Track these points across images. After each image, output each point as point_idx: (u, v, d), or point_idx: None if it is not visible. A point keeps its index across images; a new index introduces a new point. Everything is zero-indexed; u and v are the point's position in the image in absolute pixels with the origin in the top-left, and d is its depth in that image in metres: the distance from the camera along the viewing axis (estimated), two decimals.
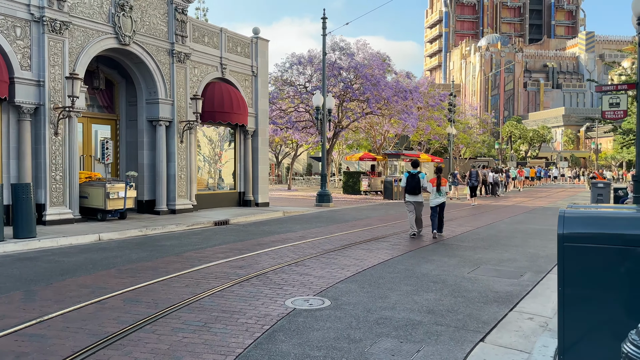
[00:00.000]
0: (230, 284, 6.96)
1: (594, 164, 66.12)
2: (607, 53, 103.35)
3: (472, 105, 53.65)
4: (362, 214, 17.77)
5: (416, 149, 37.62)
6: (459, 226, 14.15)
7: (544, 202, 24.67)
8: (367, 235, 11.93)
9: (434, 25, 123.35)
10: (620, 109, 9.58)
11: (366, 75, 24.72)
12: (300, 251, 9.66)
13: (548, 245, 10.79)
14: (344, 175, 31.12)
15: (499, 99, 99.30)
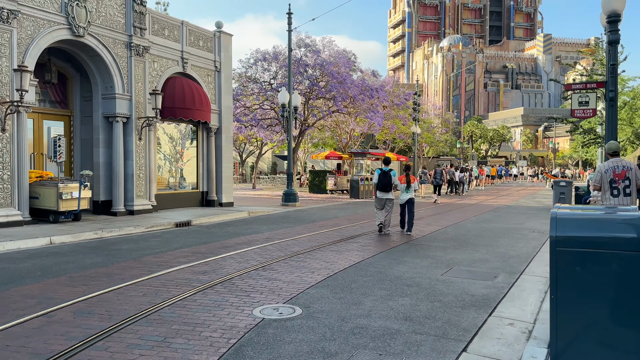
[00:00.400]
0: (193, 292, 6.47)
1: (551, 162, 68.14)
2: (563, 55, 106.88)
3: (435, 105, 54.25)
4: (330, 213, 17.44)
5: (381, 147, 37.62)
6: (427, 225, 14.00)
7: (507, 201, 25.00)
8: (336, 236, 11.59)
9: (397, 26, 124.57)
10: (590, 107, 9.57)
11: (332, 73, 24.41)
12: (267, 254, 9.22)
13: (517, 245, 10.73)
14: (310, 174, 30.76)
15: (460, 99, 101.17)
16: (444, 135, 46.39)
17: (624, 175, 7.14)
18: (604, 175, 7.27)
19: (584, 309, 3.40)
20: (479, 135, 66.96)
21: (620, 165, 7.21)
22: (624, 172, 7.14)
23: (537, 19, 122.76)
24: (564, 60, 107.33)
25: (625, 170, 7.14)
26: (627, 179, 7.12)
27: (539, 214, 18.18)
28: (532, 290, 6.77)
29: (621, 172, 7.16)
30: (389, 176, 11.90)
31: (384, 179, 11.91)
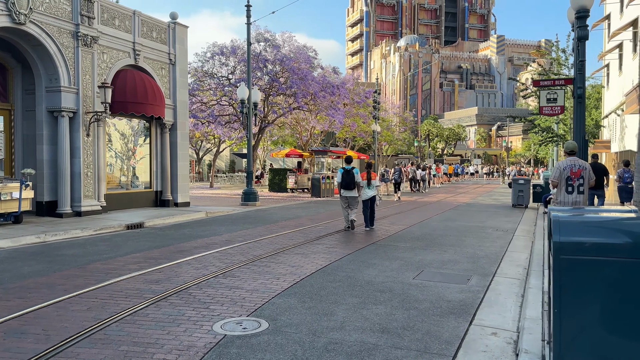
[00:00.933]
0: (145, 304, 5.80)
1: (504, 161, 69.93)
2: (515, 56, 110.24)
3: (393, 104, 54.55)
4: (292, 213, 16.90)
5: (341, 145, 37.36)
6: (391, 224, 13.70)
7: (466, 198, 25.17)
8: (300, 238, 11.07)
9: (355, 24, 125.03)
10: (558, 104, 9.47)
11: (293, 69, 23.82)
12: (227, 258, 8.60)
13: (484, 244, 10.54)
14: (270, 173, 30.09)
15: (417, 98, 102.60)
16: (403, 134, 46.65)
17: (580, 174, 7.57)
18: (562, 172, 7.63)
19: (596, 327, 3.02)
20: (436, 134, 67.95)
21: (576, 164, 7.62)
22: (580, 171, 7.57)
23: (490, 21, 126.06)
24: (516, 62, 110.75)
25: (581, 169, 7.58)
26: (582, 177, 7.57)
27: (499, 212, 18.27)
28: (509, 294, 6.47)
29: (577, 171, 7.58)
30: (352, 174, 12.14)
31: (347, 177, 12.14)
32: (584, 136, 8.95)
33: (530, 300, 5.62)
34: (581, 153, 9.08)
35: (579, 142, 9.08)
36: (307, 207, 19.40)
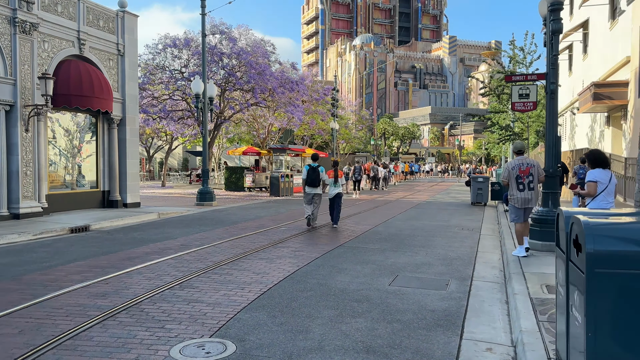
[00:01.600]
0: (88, 324, 4.99)
1: (457, 159, 71.31)
2: (467, 57, 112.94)
3: (350, 102, 54.40)
4: (251, 213, 16.13)
5: (299, 143, 36.70)
6: (356, 224, 13.21)
7: (425, 196, 25.11)
8: (263, 240, 10.37)
9: (310, 22, 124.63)
10: (530, 100, 9.22)
11: (250, 63, 22.93)
12: (184, 266, 7.81)
13: (453, 245, 10.20)
14: (226, 171, 29.09)
15: (373, 97, 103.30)
16: (360, 132, 46.50)
17: (528, 172, 8.01)
18: (511, 172, 8.11)
19: None
20: (391, 133, 68.44)
21: (525, 163, 8.08)
22: (528, 169, 8.02)
23: (442, 22, 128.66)
24: (467, 62, 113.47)
25: (529, 167, 8.03)
26: (531, 175, 8.02)
27: (460, 210, 18.17)
28: (492, 301, 6.06)
29: (526, 169, 8.02)
30: (317, 172, 12.40)
31: (313, 174, 12.39)
32: (556, 133, 8.73)
33: (521, 310, 5.19)
34: (554, 149, 8.85)
35: (552, 138, 8.85)
36: (266, 206, 18.66)
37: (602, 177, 6.52)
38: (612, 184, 6.53)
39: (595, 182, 6.49)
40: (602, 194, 6.48)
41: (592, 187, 6.51)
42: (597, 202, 6.48)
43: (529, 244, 9.00)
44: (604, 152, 7.11)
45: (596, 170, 6.62)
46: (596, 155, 6.71)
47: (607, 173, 6.60)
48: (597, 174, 6.56)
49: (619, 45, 21.73)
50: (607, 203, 6.46)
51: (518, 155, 8.31)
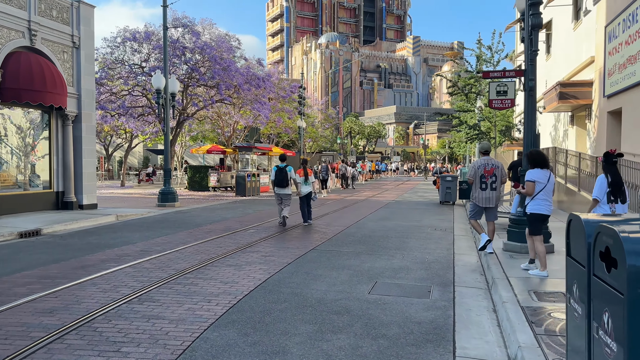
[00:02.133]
0: (30, 348, 4.31)
1: (422, 158, 72.04)
2: (430, 57, 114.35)
3: (317, 100, 53.96)
4: (216, 214, 15.43)
5: (265, 142, 35.98)
6: (328, 226, 12.73)
7: (393, 196, 24.92)
8: (230, 244, 9.76)
9: (275, 19, 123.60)
10: (508, 97, 8.96)
11: (215, 58, 22.09)
12: (144, 275, 7.14)
13: (429, 247, 9.86)
14: (189, 170, 28.13)
15: (339, 95, 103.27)
16: (327, 131, 46.11)
17: (492, 172, 8.25)
18: (477, 171, 8.32)
19: None
20: (357, 132, 68.42)
21: (489, 163, 8.28)
22: (492, 170, 8.25)
23: (406, 22, 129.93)
24: (431, 62, 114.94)
25: (494, 168, 8.26)
26: (494, 175, 8.27)
27: (429, 210, 17.98)
28: (479, 310, 5.68)
29: (490, 169, 8.24)
30: (285, 172, 12.37)
31: (280, 175, 12.37)
32: (535, 131, 8.50)
33: (515, 321, 4.82)
34: (533, 148, 8.59)
35: (530, 136, 8.61)
36: (232, 207, 17.97)
37: (540, 177, 6.66)
38: (550, 183, 6.68)
39: (533, 181, 6.65)
40: (541, 193, 6.66)
41: (530, 186, 6.67)
42: (536, 201, 6.68)
43: (506, 246, 8.74)
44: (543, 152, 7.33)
45: (535, 170, 6.73)
46: (535, 156, 6.83)
47: (546, 173, 6.70)
48: (535, 174, 6.69)
49: (583, 45, 22.08)
50: (546, 202, 6.69)
51: (484, 155, 8.53)
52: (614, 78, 17.21)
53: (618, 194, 6.33)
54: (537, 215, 6.73)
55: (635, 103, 15.69)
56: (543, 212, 6.71)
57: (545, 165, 6.76)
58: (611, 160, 6.44)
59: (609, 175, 6.42)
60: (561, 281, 6.51)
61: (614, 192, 6.33)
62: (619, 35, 16.80)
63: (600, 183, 6.50)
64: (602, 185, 6.41)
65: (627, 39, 15.92)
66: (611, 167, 6.44)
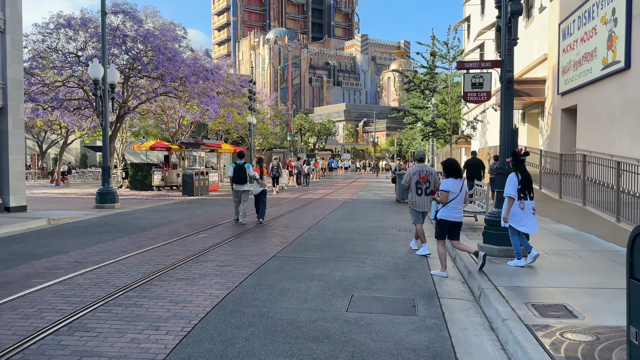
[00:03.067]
0: None
1: (372, 155, 72.27)
2: (378, 55, 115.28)
3: (267, 96, 52.69)
4: (162, 217, 14.13)
5: (213, 138, 34.45)
6: (287, 228, 11.81)
7: (348, 194, 24.29)
8: (180, 252, 8.65)
9: (221, 13, 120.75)
10: (484, 90, 8.38)
11: (159, 47, 20.52)
12: (77, 294, 5.98)
13: (398, 250, 9.18)
14: (131, 168, 26.34)
15: (288, 92, 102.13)
16: (277, 127, 45.01)
17: (427, 179, 8.61)
18: (412, 177, 8.65)
19: None
20: (308, 129, 67.65)
21: (424, 170, 8.63)
22: (427, 176, 8.61)
23: (354, 20, 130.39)
24: (379, 61, 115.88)
25: (428, 174, 8.63)
26: (429, 181, 8.61)
27: (388, 209, 17.42)
28: (475, 328, 4.98)
29: (425, 176, 8.60)
30: (244, 169, 12.43)
31: (239, 172, 12.42)
32: (512, 126, 7.97)
33: (526, 346, 4.12)
34: (509, 146, 8.05)
35: (507, 132, 8.06)
36: (180, 208, 16.67)
37: (453, 187, 6.96)
38: (462, 192, 7.01)
39: (447, 191, 6.93)
40: (453, 202, 6.95)
41: (444, 196, 6.96)
42: (448, 209, 6.97)
43: (482, 249, 8.16)
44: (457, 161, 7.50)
45: (449, 180, 7.03)
46: (450, 165, 7.11)
47: (459, 182, 7.01)
48: (449, 184, 6.97)
49: (535, 43, 22.25)
50: (456, 211, 6.99)
51: (419, 162, 8.89)
52: (569, 75, 17.26)
53: (527, 190, 6.99)
54: (446, 221, 7.03)
55: (591, 100, 15.73)
56: (452, 219, 7.02)
57: (458, 175, 7.05)
58: (520, 159, 7.11)
59: (519, 173, 7.03)
60: (554, 290, 5.95)
61: (523, 189, 6.94)
62: (574, 33, 16.84)
63: (512, 181, 7.08)
64: (514, 183, 7.02)
65: (582, 36, 15.94)
66: (520, 166, 7.07)
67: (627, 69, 12.91)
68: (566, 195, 12.22)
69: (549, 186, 13.97)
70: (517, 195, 7.03)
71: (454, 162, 7.17)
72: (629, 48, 12.72)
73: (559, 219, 12.37)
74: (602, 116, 14.51)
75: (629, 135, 12.78)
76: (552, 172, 13.86)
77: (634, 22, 12.61)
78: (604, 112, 14.29)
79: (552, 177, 13.94)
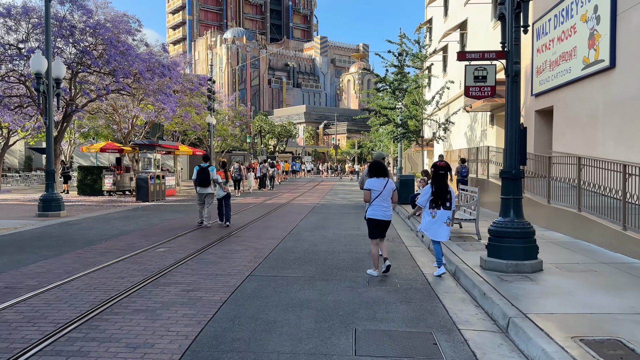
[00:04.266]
0: None
1: (332, 158, 71.49)
2: (337, 58, 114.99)
3: (226, 96, 50.86)
4: (114, 226, 12.57)
5: (169, 139, 32.53)
6: (258, 238, 10.58)
7: (315, 198, 23.20)
8: (135, 272, 7.28)
9: (176, 11, 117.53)
10: (488, 84, 7.47)
11: (111, 40, 18.74)
12: (1, 338, 4.58)
13: None
14: (79, 172, 24.34)
15: (247, 93, 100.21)
16: (237, 129, 43.34)
17: None
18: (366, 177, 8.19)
19: None
20: (268, 131, 66.11)
21: None
22: None
23: (313, 22, 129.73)
24: (338, 64, 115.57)
25: None
26: None
27: (361, 214, 16.38)
28: None
29: None
30: (207, 172, 12.36)
31: (202, 174, 12.34)
32: (519, 125, 7.08)
33: None
34: (517, 146, 7.17)
35: (515, 130, 7.18)
36: (134, 216, 15.10)
37: (376, 185, 7.19)
38: (386, 190, 7.20)
39: (369, 190, 7.20)
40: (377, 200, 7.17)
41: (367, 194, 7.25)
42: (373, 207, 7.22)
43: (487, 264, 7.24)
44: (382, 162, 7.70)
45: (372, 179, 7.28)
46: (374, 166, 7.41)
47: (382, 181, 7.23)
48: (372, 183, 7.23)
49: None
50: (382, 208, 7.20)
51: None
52: (544, 76, 16.80)
53: (440, 200, 7.30)
54: (372, 220, 7.27)
55: (569, 101, 15.26)
56: (377, 217, 7.22)
57: (381, 174, 7.28)
58: (438, 172, 7.45)
59: (434, 185, 7.37)
60: (595, 317, 5.02)
61: (436, 199, 7.30)
62: (549, 32, 16.38)
63: (425, 192, 7.51)
64: (427, 194, 7.42)
65: (560, 35, 15.46)
66: (438, 178, 7.42)
67: (611, 68, 12.42)
68: (556, 200, 11.56)
69: (534, 190, 13.33)
70: (429, 205, 7.34)
71: (377, 163, 7.45)
72: (613, 46, 12.22)
73: (547, 225, 11.70)
74: (582, 117, 14.02)
75: (613, 136, 12.28)
76: (538, 175, 13.23)
77: (619, 19, 12.13)
78: (585, 113, 13.80)
79: (536, 180, 13.32)
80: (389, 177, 7.43)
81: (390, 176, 7.59)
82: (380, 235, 7.33)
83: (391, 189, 7.23)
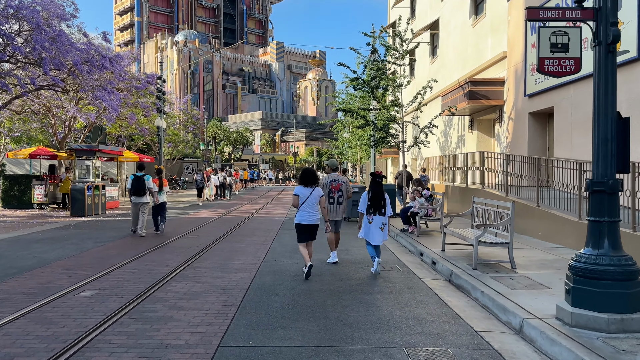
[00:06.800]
0: None
1: (291, 166, 68.89)
2: (294, 64, 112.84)
3: (179, 99, 47.43)
4: (31, 253, 9.56)
5: (114, 144, 29.07)
6: (223, 270, 7.94)
7: (280, 211, 20.63)
8: (40, 341, 4.51)
9: (124, 12, 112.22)
10: (570, 55, 5.24)
11: (39, 24, 15.52)
12: None
13: (418, 315, 5.82)
14: (4, 181, 20.82)
15: (199, 98, 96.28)
16: (189, 134, 40.05)
17: (339, 188, 8.85)
18: (325, 186, 8.81)
19: None
20: (223, 137, 62.76)
21: (336, 179, 8.88)
22: (339, 185, 8.84)
23: (268, 27, 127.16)
24: (294, 70, 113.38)
25: (340, 183, 8.85)
26: (341, 190, 8.86)
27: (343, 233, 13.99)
28: None
29: (337, 185, 8.83)
30: (142, 181, 12.19)
31: (137, 183, 12.17)
32: (615, 116, 4.92)
33: None
34: (612, 144, 4.98)
35: (610, 125, 4.98)
36: (62, 237, 12.07)
37: (302, 192, 7.58)
38: (312, 196, 7.58)
39: (296, 195, 7.60)
40: (304, 205, 7.59)
41: (294, 199, 7.64)
42: (300, 212, 7.64)
43: (575, 317, 4.99)
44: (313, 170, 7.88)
45: (299, 187, 7.66)
46: (303, 174, 7.71)
47: (308, 189, 7.58)
48: (299, 189, 7.62)
49: (488, 41, 20.12)
50: (307, 213, 7.61)
51: (332, 172, 9.01)
52: None
53: (376, 207, 7.73)
54: (298, 225, 7.65)
55: (577, 100, 13.50)
56: (303, 222, 7.59)
57: (308, 184, 7.58)
58: (376, 180, 7.86)
59: (371, 192, 7.80)
60: None
61: (372, 205, 7.74)
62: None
63: (363, 199, 7.92)
64: (364, 200, 7.87)
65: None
66: (375, 185, 7.83)
67: (639, 59, 10.68)
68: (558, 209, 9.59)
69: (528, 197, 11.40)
70: (367, 210, 7.80)
71: (307, 171, 7.72)
72: None
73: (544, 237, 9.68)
74: None
75: (639, 138, 10.51)
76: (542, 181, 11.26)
77: None
78: None
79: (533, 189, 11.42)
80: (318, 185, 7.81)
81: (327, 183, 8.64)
82: (307, 239, 7.70)
83: (318, 196, 7.62)
